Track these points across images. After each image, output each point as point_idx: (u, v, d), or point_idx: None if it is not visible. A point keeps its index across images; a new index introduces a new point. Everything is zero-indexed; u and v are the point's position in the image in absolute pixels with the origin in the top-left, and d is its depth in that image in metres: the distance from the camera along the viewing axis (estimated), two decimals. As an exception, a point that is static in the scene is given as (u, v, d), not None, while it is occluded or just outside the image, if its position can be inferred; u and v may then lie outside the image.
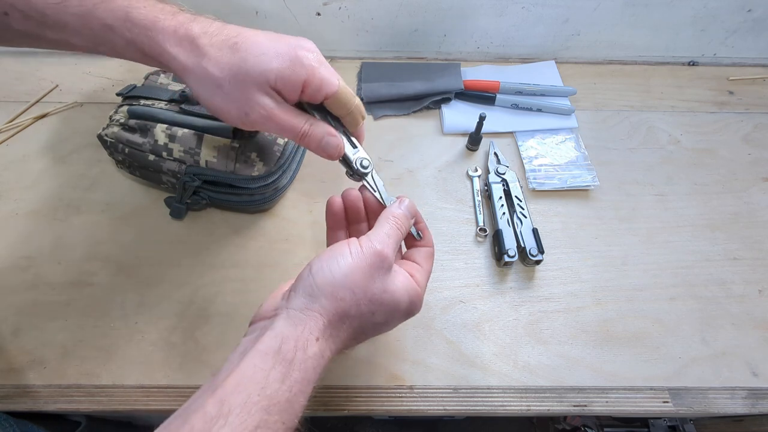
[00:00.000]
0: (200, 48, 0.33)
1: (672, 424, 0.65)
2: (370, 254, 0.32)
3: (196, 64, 0.33)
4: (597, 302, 0.48)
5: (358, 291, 0.31)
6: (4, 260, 0.49)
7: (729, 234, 0.53)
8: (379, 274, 0.32)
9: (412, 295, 0.34)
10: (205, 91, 0.35)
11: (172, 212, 0.51)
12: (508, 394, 0.42)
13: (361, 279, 0.31)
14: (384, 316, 0.33)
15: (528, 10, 0.64)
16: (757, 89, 0.67)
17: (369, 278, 0.32)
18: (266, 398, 0.26)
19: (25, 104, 0.61)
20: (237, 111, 0.35)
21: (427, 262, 0.37)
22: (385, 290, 0.32)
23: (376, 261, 0.32)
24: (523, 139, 0.60)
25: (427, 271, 0.37)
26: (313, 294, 0.31)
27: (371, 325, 0.33)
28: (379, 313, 0.32)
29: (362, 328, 0.33)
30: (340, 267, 0.31)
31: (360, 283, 0.31)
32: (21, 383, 0.42)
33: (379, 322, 0.33)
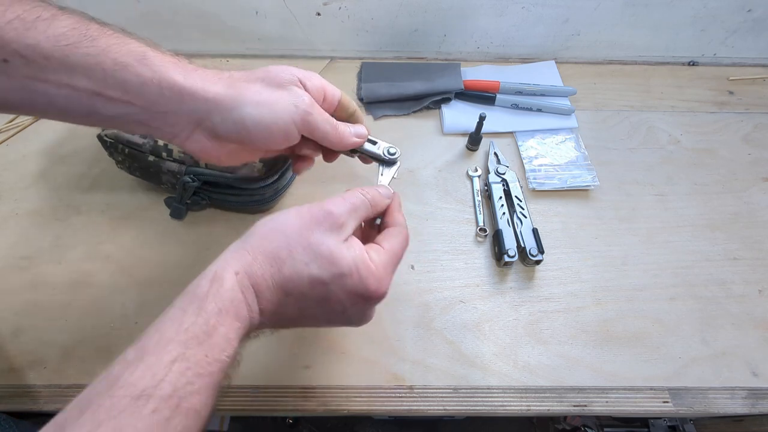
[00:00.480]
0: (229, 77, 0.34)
1: (672, 424, 0.65)
2: (316, 209, 0.31)
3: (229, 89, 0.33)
4: (597, 302, 0.48)
5: (293, 235, 0.30)
6: (4, 260, 0.49)
7: (729, 234, 0.53)
8: (321, 227, 0.31)
9: (362, 268, 0.31)
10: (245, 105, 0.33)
11: (172, 212, 0.51)
12: (508, 394, 0.42)
13: (299, 227, 0.31)
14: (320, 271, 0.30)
15: (528, 10, 0.64)
16: (757, 89, 0.67)
17: (307, 228, 0.31)
18: (182, 332, 0.26)
19: (25, 104, 0.61)
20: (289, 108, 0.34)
21: (389, 241, 0.34)
22: (323, 243, 0.30)
23: (319, 215, 0.31)
24: (523, 139, 0.60)
25: (390, 252, 0.33)
26: (246, 235, 0.31)
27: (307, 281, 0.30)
28: (313, 265, 0.30)
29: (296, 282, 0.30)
30: (279, 216, 0.31)
31: (296, 229, 0.30)
32: (21, 383, 0.42)
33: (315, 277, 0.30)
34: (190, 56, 0.37)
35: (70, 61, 0.29)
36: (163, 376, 0.25)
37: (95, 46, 0.30)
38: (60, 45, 0.29)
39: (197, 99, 0.32)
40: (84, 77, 0.30)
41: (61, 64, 0.29)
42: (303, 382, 0.42)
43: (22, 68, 0.29)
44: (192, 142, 0.34)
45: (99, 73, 0.30)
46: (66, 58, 0.29)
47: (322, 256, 0.30)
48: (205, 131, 0.34)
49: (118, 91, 0.31)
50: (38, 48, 0.29)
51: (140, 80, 0.31)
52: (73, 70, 0.29)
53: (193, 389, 0.25)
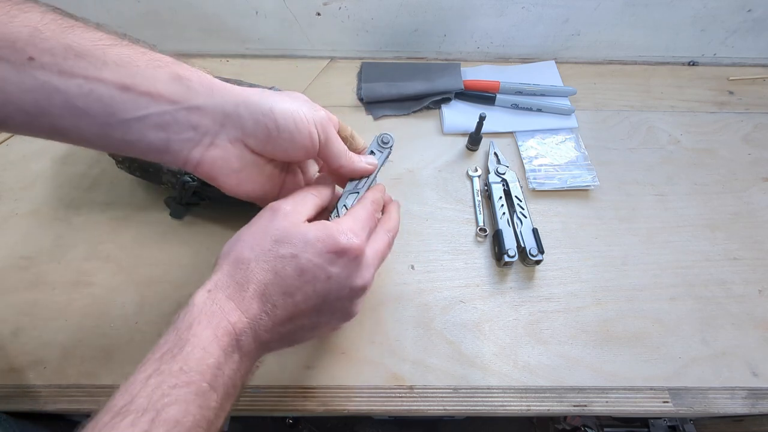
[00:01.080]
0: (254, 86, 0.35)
1: (672, 424, 0.65)
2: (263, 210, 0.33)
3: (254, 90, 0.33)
4: (597, 302, 0.48)
5: (247, 237, 0.32)
6: (4, 260, 0.49)
7: (729, 234, 0.53)
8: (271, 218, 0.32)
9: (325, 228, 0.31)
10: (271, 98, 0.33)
11: (172, 212, 0.51)
12: (508, 394, 0.42)
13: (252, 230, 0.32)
14: (289, 249, 0.30)
15: (528, 10, 0.64)
16: (757, 89, 0.67)
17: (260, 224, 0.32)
18: (157, 351, 0.27)
19: (25, 104, 0.61)
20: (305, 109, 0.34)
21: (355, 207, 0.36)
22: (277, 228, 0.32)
23: (266, 212, 0.33)
24: (523, 139, 0.60)
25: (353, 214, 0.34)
26: (217, 259, 0.32)
27: (279, 261, 0.30)
28: (278, 246, 0.30)
29: (268, 266, 0.30)
30: (239, 232, 0.33)
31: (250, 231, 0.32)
32: (21, 383, 0.42)
33: (284, 254, 0.30)
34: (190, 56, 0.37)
35: (103, 57, 0.29)
36: (138, 391, 0.25)
37: (131, 47, 0.30)
38: (97, 44, 0.29)
39: (226, 92, 0.32)
40: (115, 70, 0.29)
41: (95, 59, 0.29)
42: (303, 382, 0.42)
43: (49, 65, 0.28)
44: (214, 148, 0.32)
45: (132, 67, 0.29)
46: (101, 55, 0.29)
47: (281, 237, 0.31)
48: (230, 132, 0.32)
49: (148, 84, 0.30)
50: (73, 45, 0.28)
51: (172, 74, 0.30)
52: (105, 64, 0.29)
53: (170, 400, 0.25)
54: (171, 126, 0.30)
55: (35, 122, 0.29)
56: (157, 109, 0.30)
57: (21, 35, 0.27)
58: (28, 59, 0.27)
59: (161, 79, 0.30)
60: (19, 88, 0.28)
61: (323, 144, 0.35)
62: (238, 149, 0.33)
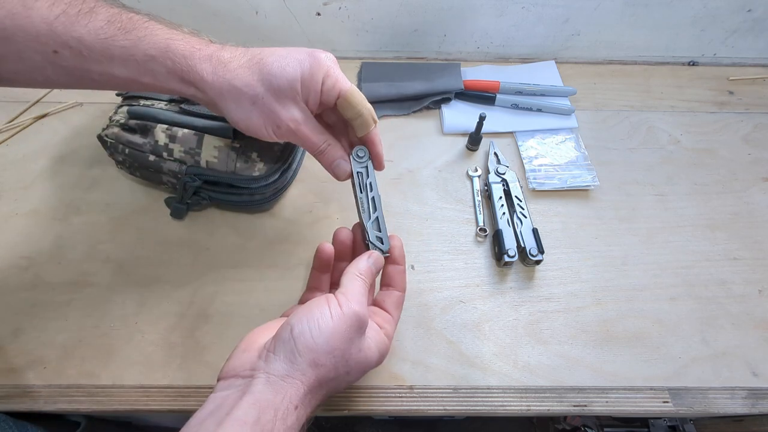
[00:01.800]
0: (232, 71, 0.36)
1: (672, 424, 0.65)
2: (350, 316, 0.32)
3: (231, 87, 0.36)
4: (597, 302, 0.48)
5: (338, 354, 0.32)
6: (4, 260, 0.48)
7: (729, 234, 0.53)
8: (357, 336, 0.33)
9: (382, 349, 0.35)
10: (240, 110, 0.37)
11: (173, 212, 0.51)
12: (508, 394, 0.42)
13: (341, 343, 0.32)
14: (357, 374, 0.34)
15: (528, 10, 0.64)
16: (757, 89, 0.67)
17: (348, 341, 0.32)
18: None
19: (25, 104, 0.61)
20: (270, 124, 0.37)
21: (397, 310, 0.39)
22: (360, 350, 0.33)
23: (354, 324, 0.33)
24: (523, 139, 0.60)
25: (396, 320, 0.39)
26: (294, 360, 0.30)
27: (345, 383, 0.34)
28: (353, 372, 0.33)
29: (336, 388, 0.34)
30: (321, 332, 0.31)
31: (340, 346, 0.32)
32: (21, 383, 0.42)
33: (351, 380, 0.34)
34: None
35: (109, 53, 0.34)
36: None
37: (128, 39, 0.34)
38: (100, 38, 0.33)
39: (207, 92, 0.36)
40: (121, 67, 0.35)
41: (102, 55, 0.34)
42: (303, 382, 0.42)
43: (70, 59, 0.33)
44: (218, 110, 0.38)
45: (133, 63, 0.34)
46: (106, 50, 0.34)
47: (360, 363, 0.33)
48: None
49: (149, 78, 0.36)
50: (83, 41, 0.33)
51: (166, 70, 0.35)
52: (112, 60, 0.34)
53: None
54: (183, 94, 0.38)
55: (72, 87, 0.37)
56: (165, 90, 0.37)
57: (41, 30, 0.32)
58: (53, 52, 0.33)
59: (158, 74, 0.35)
60: (56, 73, 0.34)
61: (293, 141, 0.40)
62: None
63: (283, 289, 0.48)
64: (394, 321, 0.38)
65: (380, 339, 0.35)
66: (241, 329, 0.45)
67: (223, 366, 0.33)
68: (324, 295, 0.34)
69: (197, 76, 0.35)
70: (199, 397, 0.41)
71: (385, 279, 0.41)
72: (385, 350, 0.36)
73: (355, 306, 0.33)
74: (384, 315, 0.38)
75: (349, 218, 0.53)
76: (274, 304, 0.46)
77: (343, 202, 0.54)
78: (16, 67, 0.33)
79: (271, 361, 0.31)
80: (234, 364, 0.32)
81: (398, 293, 0.40)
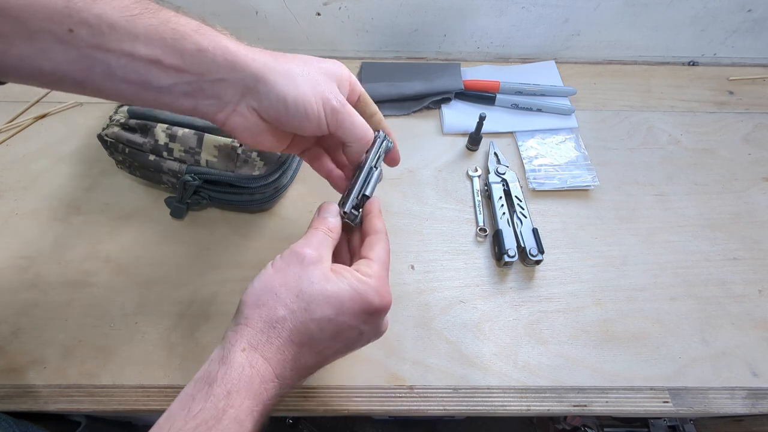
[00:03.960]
0: (272, 53, 0.35)
1: (672, 424, 0.65)
2: (286, 256, 0.32)
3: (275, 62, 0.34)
4: (597, 302, 0.48)
5: (280, 289, 0.31)
6: (4, 260, 0.49)
7: (729, 234, 0.53)
8: (301, 269, 0.32)
9: (359, 288, 0.32)
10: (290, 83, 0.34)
11: (173, 212, 0.51)
12: (508, 394, 0.42)
13: (281, 278, 0.31)
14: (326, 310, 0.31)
15: (528, 10, 0.64)
16: (757, 89, 0.67)
17: (290, 276, 0.31)
18: (192, 419, 0.27)
19: (25, 104, 0.61)
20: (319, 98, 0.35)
21: (374, 250, 0.35)
22: (312, 282, 0.31)
23: (293, 259, 0.32)
24: (523, 139, 0.60)
25: (378, 260, 0.34)
26: (237, 311, 0.31)
27: (315, 324, 0.31)
28: (314, 308, 0.31)
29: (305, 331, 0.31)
30: (260, 278, 0.32)
31: (280, 281, 0.31)
32: (21, 383, 0.42)
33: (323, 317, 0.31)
34: None
35: (134, 31, 0.31)
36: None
37: (157, 18, 0.31)
38: (125, 15, 0.30)
39: (247, 67, 0.33)
40: (145, 45, 0.31)
41: (126, 32, 0.30)
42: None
43: (87, 38, 0.30)
44: (236, 115, 0.35)
45: (159, 42, 0.31)
46: (131, 27, 0.30)
47: (317, 297, 0.31)
48: (249, 102, 0.34)
49: (175, 58, 0.32)
50: (104, 17, 0.30)
51: (197, 47, 0.32)
52: (136, 38, 0.31)
53: None
54: (197, 94, 0.33)
55: (83, 86, 0.32)
56: (184, 80, 0.32)
57: (57, 6, 0.29)
58: (68, 31, 0.29)
59: (187, 53, 0.32)
60: (67, 58, 0.30)
61: (333, 129, 0.36)
62: (255, 118, 0.35)
63: (283, 289, 0.48)
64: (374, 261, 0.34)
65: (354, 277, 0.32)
66: (241, 329, 0.45)
67: None
68: None
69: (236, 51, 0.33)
70: (199, 397, 0.41)
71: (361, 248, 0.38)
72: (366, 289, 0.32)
73: (294, 246, 0.33)
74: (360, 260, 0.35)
75: (349, 218, 0.53)
76: (274, 304, 0.46)
77: (343, 202, 0.54)
78: (23, 50, 0.30)
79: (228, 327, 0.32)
80: None
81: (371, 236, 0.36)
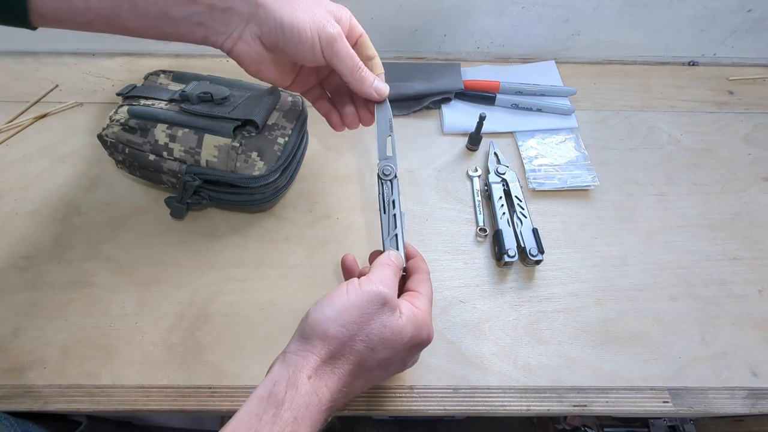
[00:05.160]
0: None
1: (672, 424, 0.65)
2: (368, 292, 0.33)
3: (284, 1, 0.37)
4: (597, 302, 0.48)
5: (352, 327, 0.31)
6: (4, 260, 0.49)
7: (729, 234, 0.53)
8: (378, 312, 0.32)
9: (415, 324, 0.34)
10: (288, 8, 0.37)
11: (173, 212, 0.51)
12: (508, 394, 0.42)
13: (357, 316, 0.32)
14: (388, 351, 0.33)
15: (528, 10, 0.64)
16: (757, 89, 0.67)
17: (365, 316, 0.32)
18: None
19: (25, 104, 0.61)
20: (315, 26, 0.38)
21: (423, 286, 0.38)
22: (384, 326, 0.32)
23: (374, 299, 0.32)
24: (523, 139, 0.60)
25: (427, 296, 0.37)
26: (304, 336, 0.32)
27: (375, 361, 0.33)
28: (380, 348, 0.32)
29: (364, 366, 0.32)
30: (333, 306, 0.32)
31: (354, 319, 0.32)
32: (21, 383, 0.42)
33: (383, 357, 0.33)
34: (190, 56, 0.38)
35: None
36: None
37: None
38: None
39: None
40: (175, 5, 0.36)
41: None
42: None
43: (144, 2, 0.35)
44: (241, 43, 0.38)
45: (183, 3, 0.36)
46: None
47: (386, 340, 0.32)
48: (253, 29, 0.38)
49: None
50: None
51: None
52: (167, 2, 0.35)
53: None
54: (208, 23, 0.37)
55: (110, 24, 0.36)
56: (197, 10, 0.36)
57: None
58: None
59: None
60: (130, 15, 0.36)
61: (329, 58, 0.39)
62: (258, 45, 0.39)
63: (283, 288, 0.48)
64: (424, 296, 0.37)
65: (413, 313, 0.34)
66: (241, 329, 0.45)
67: None
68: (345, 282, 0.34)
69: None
70: (199, 397, 0.42)
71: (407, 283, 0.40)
72: (421, 322, 0.34)
73: (377, 284, 0.33)
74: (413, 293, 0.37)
75: (349, 218, 0.53)
76: (274, 304, 0.46)
77: (343, 202, 0.54)
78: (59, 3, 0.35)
79: (288, 344, 0.33)
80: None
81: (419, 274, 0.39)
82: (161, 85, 0.53)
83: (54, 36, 0.60)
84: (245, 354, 0.44)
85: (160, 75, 0.54)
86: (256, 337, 0.45)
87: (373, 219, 0.53)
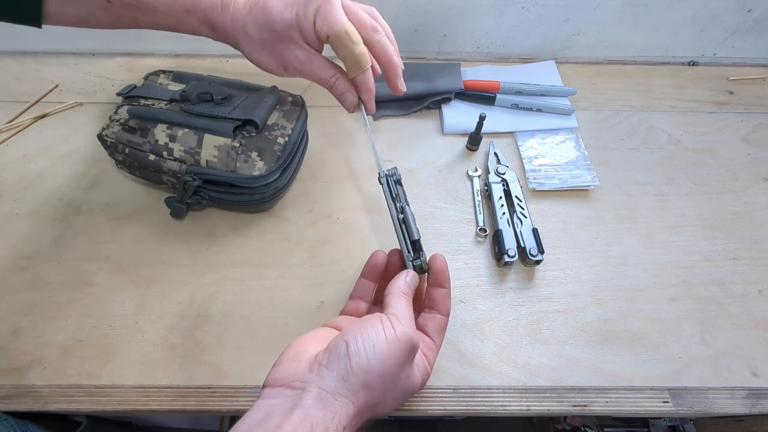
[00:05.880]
0: (242, 19, 0.41)
1: (672, 424, 0.65)
2: (404, 341, 0.32)
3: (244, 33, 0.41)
4: (597, 302, 0.48)
5: (389, 379, 0.32)
6: (4, 260, 0.49)
7: (729, 234, 0.53)
8: (408, 362, 0.33)
9: (424, 377, 0.35)
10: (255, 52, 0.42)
11: (173, 212, 0.51)
12: (508, 394, 0.42)
13: (393, 367, 0.31)
14: (401, 401, 0.34)
15: (528, 10, 0.64)
16: (757, 89, 0.67)
17: (400, 367, 0.32)
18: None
19: (25, 104, 0.61)
20: (279, 65, 0.42)
21: (440, 335, 0.39)
22: (408, 377, 0.33)
23: (407, 348, 0.32)
24: (523, 139, 0.60)
25: (439, 347, 0.38)
26: (347, 379, 0.30)
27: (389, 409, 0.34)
28: (399, 398, 0.33)
29: (379, 413, 0.33)
30: (376, 354, 0.31)
31: (392, 371, 0.31)
32: (21, 383, 0.42)
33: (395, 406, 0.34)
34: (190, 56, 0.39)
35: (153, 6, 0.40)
36: None
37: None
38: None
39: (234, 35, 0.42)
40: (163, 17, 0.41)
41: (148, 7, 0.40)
42: (303, 382, 0.42)
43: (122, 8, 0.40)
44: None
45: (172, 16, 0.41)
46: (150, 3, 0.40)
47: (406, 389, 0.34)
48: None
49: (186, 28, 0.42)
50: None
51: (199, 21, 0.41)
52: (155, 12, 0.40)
53: None
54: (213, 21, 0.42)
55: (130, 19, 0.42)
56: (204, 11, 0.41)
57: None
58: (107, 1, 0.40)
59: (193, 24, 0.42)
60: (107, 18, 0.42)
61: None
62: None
63: (283, 288, 0.48)
64: (436, 348, 0.38)
65: (424, 367, 0.35)
66: (241, 329, 0.45)
67: (270, 372, 0.32)
68: (377, 315, 0.34)
69: (220, 24, 0.41)
70: (199, 397, 0.42)
71: (428, 302, 0.40)
72: (427, 378, 0.36)
73: (409, 330, 0.33)
74: (427, 341, 0.38)
75: (349, 218, 0.53)
76: (274, 304, 0.46)
77: (343, 202, 0.54)
78: (76, 11, 0.40)
79: (323, 376, 0.30)
80: (282, 372, 0.31)
81: (441, 317, 0.39)
82: (161, 85, 0.53)
83: (54, 36, 0.61)
84: (245, 354, 0.44)
85: (160, 75, 0.54)
86: (256, 337, 0.45)
87: (372, 219, 0.53)
